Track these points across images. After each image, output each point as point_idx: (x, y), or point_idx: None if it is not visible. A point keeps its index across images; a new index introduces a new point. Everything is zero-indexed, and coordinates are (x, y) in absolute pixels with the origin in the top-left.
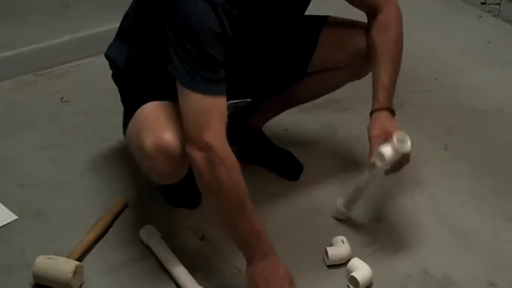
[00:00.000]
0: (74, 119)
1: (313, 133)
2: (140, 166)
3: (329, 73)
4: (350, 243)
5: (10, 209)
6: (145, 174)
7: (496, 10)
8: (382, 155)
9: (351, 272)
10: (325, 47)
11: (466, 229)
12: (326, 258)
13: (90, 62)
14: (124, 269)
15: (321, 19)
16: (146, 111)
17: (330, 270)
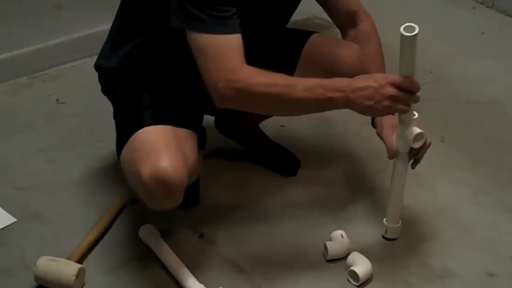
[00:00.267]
0: (70, 121)
1: (310, 128)
2: (134, 191)
3: None
4: (349, 237)
5: (9, 212)
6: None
7: (489, 1)
8: (412, 132)
9: (351, 266)
10: (304, 67)
11: (465, 220)
12: (325, 253)
13: (84, 63)
14: (124, 269)
15: (303, 36)
16: (143, 139)
17: (330, 265)
